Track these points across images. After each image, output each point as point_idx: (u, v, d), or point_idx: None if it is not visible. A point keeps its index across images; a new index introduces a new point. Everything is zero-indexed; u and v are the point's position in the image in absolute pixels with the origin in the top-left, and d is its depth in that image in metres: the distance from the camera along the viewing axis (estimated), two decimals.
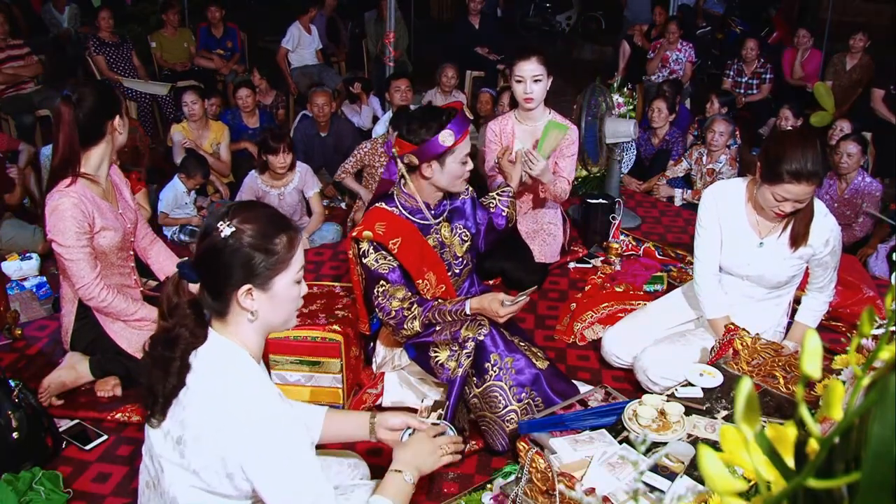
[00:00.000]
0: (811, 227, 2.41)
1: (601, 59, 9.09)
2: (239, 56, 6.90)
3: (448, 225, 2.59)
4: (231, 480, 1.40)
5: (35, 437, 2.34)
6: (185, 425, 1.40)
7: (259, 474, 1.38)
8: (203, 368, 1.43)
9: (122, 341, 2.66)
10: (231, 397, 1.39)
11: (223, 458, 1.38)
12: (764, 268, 2.53)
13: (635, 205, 4.75)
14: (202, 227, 1.48)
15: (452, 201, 2.63)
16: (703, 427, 1.96)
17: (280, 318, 1.51)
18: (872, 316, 0.57)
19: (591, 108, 4.12)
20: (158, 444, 1.46)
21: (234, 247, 1.40)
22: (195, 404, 1.40)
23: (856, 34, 6.10)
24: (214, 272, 1.43)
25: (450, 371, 2.35)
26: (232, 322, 1.46)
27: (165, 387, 1.42)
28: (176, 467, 1.43)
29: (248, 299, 1.43)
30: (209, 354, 1.44)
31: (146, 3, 7.75)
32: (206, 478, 1.40)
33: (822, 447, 0.52)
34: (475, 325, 2.36)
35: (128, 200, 2.74)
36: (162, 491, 1.46)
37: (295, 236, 1.48)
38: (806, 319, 2.65)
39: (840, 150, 4.12)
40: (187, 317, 1.43)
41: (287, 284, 1.47)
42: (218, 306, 1.45)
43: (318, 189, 4.28)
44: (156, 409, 1.44)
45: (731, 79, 6.32)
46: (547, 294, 3.59)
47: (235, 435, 1.37)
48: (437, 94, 5.77)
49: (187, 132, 4.77)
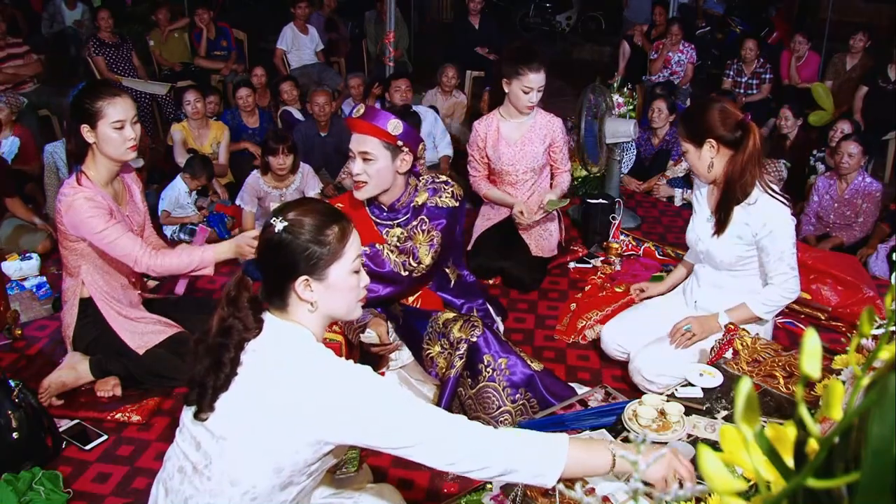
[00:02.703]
0: (750, 209, 2.48)
1: (601, 59, 9.08)
2: (236, 55, 6.89)
3: (403, 232, 2.55)
4: (311, 447, 1.42)
5: (35, 437, 2.34)
6: (253, 408, 1.42)
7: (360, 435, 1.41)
8: (264, 353, 1.47)
9: (125, 335, 2.66)
10: (301, 373, 1.43)
11: (301, 433, 1.40)
12: (709, 244, 2.62)
13: (635, 205, 4.75)
14: (263, 225, 1.56)
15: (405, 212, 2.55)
16: (703, 427, 1.96)
17: (342, 308, 1.57)
18: (872, 316, 0.57)
19: (591, 108, 4.12)
20: (220, 426, 1.46)
21: (287, 240, 1.48)
22: (263, 386, 1.43)
23: (856, 34, 6.10)
24: (272, 266, 1.51)
25: (439, 368, 2.35)
26: (293, 313, 1.52)
27: (218, 379, 1.45)
28: (242, 447, 1.43)
29: (306, 290, 1.49)
30: (271, 339, 1.48)
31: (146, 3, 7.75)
32: (281, 451, 1.42)
33: (821, 447, 0.52)
34: (469, 326, 2.36)
35: (137, 203, 2.74)
36: (221, 471, 1.46)
37: (347, 227, 1.56)
38: (751, 302, 2.59)
39: (841, 150, 4.12)
40: (244, 310, 1.47)
41: (343, 274, 1.53)
42: (279, 299, 1.52)
43: (318, 190, 4.29)
44: (204, 403, 1.46)
45: (730, 79, 6.32)
46: (547, 294, 3.59)
47: (314, 409, 1.39)
48: (438, 94, 5.77)
49: (187, 131, 4.77)
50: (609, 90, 4.48)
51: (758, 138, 2.45)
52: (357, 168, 2.39)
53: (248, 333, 1.48)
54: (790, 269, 2.53)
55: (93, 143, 2.48)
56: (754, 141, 2.44)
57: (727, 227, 2.54)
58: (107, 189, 2.57)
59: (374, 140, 2.36)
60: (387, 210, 2.53)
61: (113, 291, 2.68)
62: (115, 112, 2.44)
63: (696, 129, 2.50)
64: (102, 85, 2.63)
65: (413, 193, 2.54)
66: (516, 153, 3.49)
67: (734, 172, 2.46)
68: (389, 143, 2.37)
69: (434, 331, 2.44)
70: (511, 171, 3.52)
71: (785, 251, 2.50)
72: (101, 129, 2.45)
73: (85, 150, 2.51)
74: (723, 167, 2.51)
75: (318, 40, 6.87)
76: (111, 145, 2.47)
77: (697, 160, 2.54)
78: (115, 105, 2.44)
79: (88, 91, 2.48)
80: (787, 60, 6.42)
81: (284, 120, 5.41)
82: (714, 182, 2.59)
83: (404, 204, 2.53)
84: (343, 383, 1.42)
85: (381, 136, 2.36)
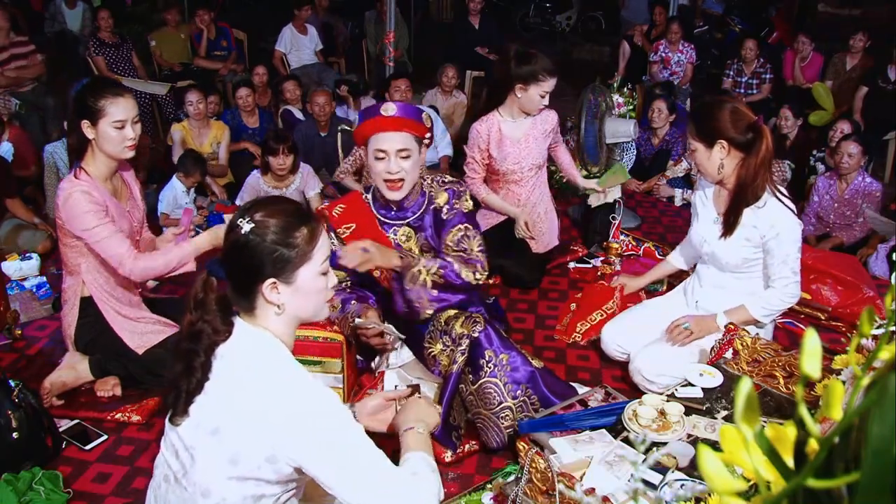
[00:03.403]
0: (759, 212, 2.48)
1: (601, 59, 9.07)
2: (236, 55, 6.90)
3: (411, 231, 2.56)
4: (273, 464, 1.40)
5: (35, 437, 2.34)
6: (221, 414, 1.41)
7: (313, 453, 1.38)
8: (233, 359, 1.44)
9: (125, 335, 2.66)
10: (271, 381, 1.41)
11: (268, 442, 1.38)
12: (715, 245, 2.61)
13: (635, 205, 4.75)
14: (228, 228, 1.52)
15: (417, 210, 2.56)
16: (703, 427, 1.97)
17: (310, 310, 1.55)
18: (872, 316, 0.57)
19: (591, 108, 4.12)
20: (189, 435, 1.45)
21: (255, 242, 1.44)
22: (231, 392, 1.42)
23: (856, 34, 6.09)
24: (239, 268, 1.47)
25: (441, 366, 2.36)
26: (260, 316, 1.49)
27: (190, 383, 1.43)
28: (211, 458, 1.42)
29: (273, 293, 1.46)
30: (240, 345, 1.46)
31: (146, 3, 7.75)
32: (246, 464, 1.40)
33: (821, 447, 0.52)
34: (470, 322, 2.37)
35: (137, 200, 2.74)
36: (192, 482, 1.45)
37: (316, 228, 1.51)
38: (751, 305, 2.58)
39: (841, 150, 4.12)
40: (212, 313, 1.45)
41: (312, 276, 1.50)
42: (245, 301, 1.49)
43: (318, 190, 4.29)
44: (178, 407, 1.45)
45: (730, 79, 6.32)
46: (547, 294, 3.59)
47: (280, 419, 1.37)
48: (438, 95, 5.77)
49: (187, 131, 4.77)
50: (609, 90, 4.48)
51: (770, 141, 2.42)
52: (395, 167, 2.37)
53: (217, 336, 1.45)
54: (792, 274, 2.52)
55: (92, 139, 2.49)
56: (767, 144, 2.41)
57: (736, 229, 2.53)
58: (106, 185, 2.57)
59: (409, 135, 2.38)
60: (396, 209, 2.53)
61: (113, 290, 2.67)
62: (118, 111, 2.44)
63: (706, 128, 2.47)
64: (106, 82, 2.60)
65: (421, 191, 2.55)
66: (521, 151, 3.48)
67: (747, 177, 2.44)
68: (420, 135, 2.41)
69: (436, 329, 2.44)
70: (516, 169, 3.51)
71: (789, 255, 2.50)
72: (101, 126, 2.45)
73: (85, 145, 2.51)
74: (733, 169, 2.48)
75: (317, 40, 6.87)
76: (110, 143, 2.48)
77: (707, 160, 2.50)
78: (118, 104, 2.43)
79: (92, 88, 2.48)
80: (791, 61, 6.42)
81: (285, 119, 5.41)
82: (720, 183, 2.57)
83: (413, 202, 2.54)
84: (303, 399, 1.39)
85: (415, 129, 2.39)
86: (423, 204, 2.56)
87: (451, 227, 2.54)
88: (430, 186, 2.57)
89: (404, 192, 2.44)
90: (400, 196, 2.44)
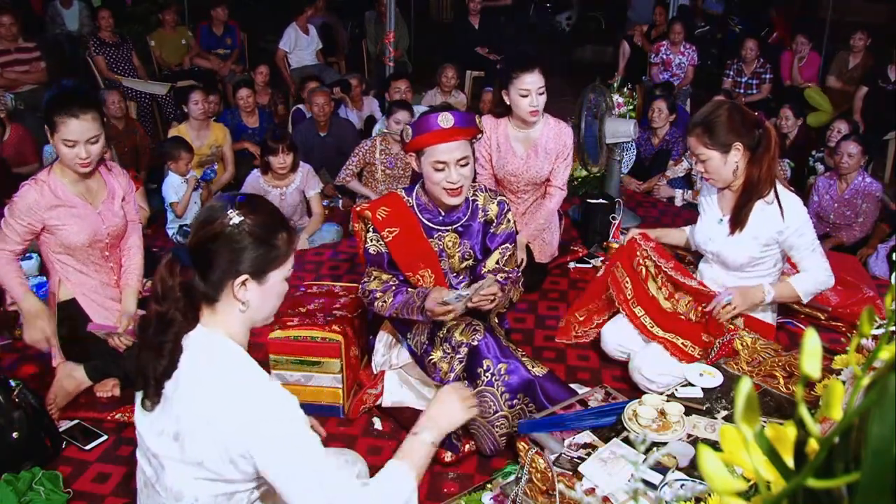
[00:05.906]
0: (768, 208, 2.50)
1: (601, 59, 9.07)
2: (238, 54, 6.90)
3: (456, 237, 2.53)
4: (235, 466, 1.39)
5: (35, 437, 2.34)
6: (180, 419, 1.40)
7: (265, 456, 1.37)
8: (193, 358, 1.43)
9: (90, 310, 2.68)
10: (224, 384, 1.39)
11: (225, 445, 1.37)
12: (721, 244, 2.63)
13: (635, 205, 4.75)
14: (202, 215, 1.50)
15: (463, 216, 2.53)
16: (703, 427, 1.97)
17: (266, 312, 1.54)
18: (872, 316, 0.57)
19: (591, 108, 4.12)
20: (154, 444, 1.46)
21: (238, 236, 1.43)
22: (188, 397, 1.40)
23: (855, 33, 6.09)
24: (214, 258, 1.43)
25: (441, 372, 2.35)
26: (220, 311, 1.47)
27: (157, 368, 1.42)
28: (178, 463, 1.42)
29: (242, 290, 1.45)
30: (198, 345, 1.44)
31: (146, 3, 7.73)
32: (211, 466, 1.40)
33: (821, 447, 0.52)
34: (469, 331, 2.36)
35: (115, 206, 2.69)
36: (165, 487, 1.45)
37: (293, 234, 1.54)
38: (796, 281, 2.60)
39: (840, 150, 4.12)
40: (179, 300, 1.42)
41: (279, 280, 1.51)
42: (211, 293, 1.45)
43: (318, 189, 4.29)
44: (149, 392, 1.44)
45: (730, 79, 6.32)
46: (547, 294, 3.59)
47: (236, 421, 1.36)
48: (438, 95, 5.76)
49: (185, 135, 4.72)
50: (609, 90, 4.48)
51: (776, 134, 2.49)
52: (455, 176, 2.34)
53: (188, 324, 1.43)
54: (822, 259, 2.58)
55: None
56: (774, 138, 2.48)
57: (744, 227, 2.55)
58: (76, 186, 2.58)
59: (465, 142, 2.37)
60: (444, 214, 2.51)
61: (90, 283, 2.70)
62: (67, 132, 2.44)
63: (720, 136, 2.46)
64: (69, 100, 2.45)
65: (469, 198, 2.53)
66: (520, 165, 3.42)
67: (761, 172, 2.47)
68: (471, 139, 2.41)
69: (437, 336, 2.43)
70: (514, 180, 3.47)
71: (815, 242, 2.56)
72: (55, 140, 2.48)
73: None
74: (744, 168, 2.51)
75: (317, 40, 6.88)
76: (62, 157, 2.53)
77: (723, 166, 2.50)
78: (69, 125, 2.43)
79: (54, 101, 2.47)
80: (789, 61, 6.42)
81: (295, 118, 5.41)
82: (728, 186, 2.59)
83: (461, 207, 2.51)
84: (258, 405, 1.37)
85: (470, 134, 2.40)
86: (470, 209, 2.54)
87: (500, 243, 2.56)
88: (473, 193, 2.55)
89: (464, 196, 2.44)
90: (460, 200, 2.43)
